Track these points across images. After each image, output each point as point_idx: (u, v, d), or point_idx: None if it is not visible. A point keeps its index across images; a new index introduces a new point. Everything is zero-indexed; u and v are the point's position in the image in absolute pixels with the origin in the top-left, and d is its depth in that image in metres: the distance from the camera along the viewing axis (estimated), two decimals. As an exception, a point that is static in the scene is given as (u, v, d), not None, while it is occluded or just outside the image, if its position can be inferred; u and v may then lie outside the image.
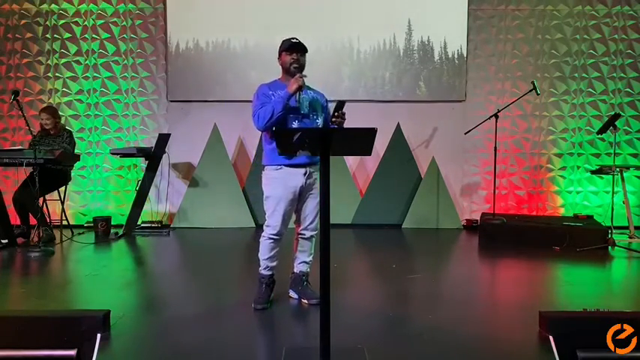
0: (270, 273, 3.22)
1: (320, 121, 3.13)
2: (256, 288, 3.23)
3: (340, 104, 2.78)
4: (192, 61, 6.11)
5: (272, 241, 3.14)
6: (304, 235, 3.21)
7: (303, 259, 3.26)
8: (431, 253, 5.05)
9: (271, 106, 2.96)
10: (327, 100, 3.25)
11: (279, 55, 3.13)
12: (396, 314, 3.13)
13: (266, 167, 3.13)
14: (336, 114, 2.79)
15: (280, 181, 3.06)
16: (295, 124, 3.02)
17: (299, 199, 3.12)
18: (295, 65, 3.03)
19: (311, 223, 3.18)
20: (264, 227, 3.15)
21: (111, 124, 6.19)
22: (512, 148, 6.21)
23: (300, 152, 2.36)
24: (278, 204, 3.06)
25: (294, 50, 3.04)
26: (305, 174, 3.06)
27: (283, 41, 3.11)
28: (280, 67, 3.14)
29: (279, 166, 3.06)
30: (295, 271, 3.30)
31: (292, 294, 3.31)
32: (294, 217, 3.22)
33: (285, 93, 2.96)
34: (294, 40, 3.05)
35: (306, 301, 3.21)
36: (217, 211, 5.92)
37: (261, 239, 3.18)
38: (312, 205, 3.14)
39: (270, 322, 3.04)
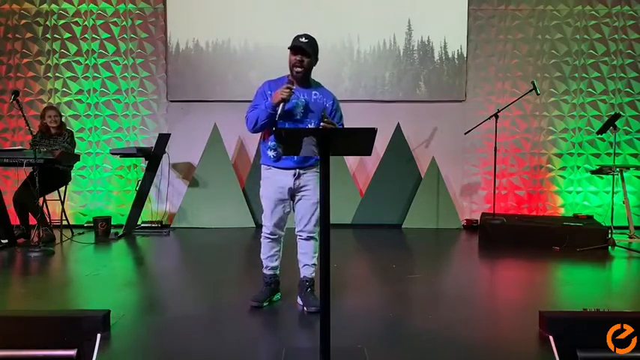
0: (271, 273, 3.23)
1: (312, 126, 2.99)
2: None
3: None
4: (192, 61, 6.11)
5: (269, 240, 3.16)
6: (301, 236, 3.16)
7: (306, 262, 3.19)
8: (431, 253, 5.05)
9: (256, 113, 2.97)
10: (334, 101, 3.08)
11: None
12: (396, 314, 3.13)
13: (261, 166, 3.16)
14: (325, 120, 2.82)
15: (270, 181, 3.08)
16: None
17: (292, 200, 3.11)
18: (298, 68, 2.95)
19: (306, 224, 3.11)
20: (263, 227, 3.18)
21: (111, 124, 6.19)
22: (512, 148, 6.21)
23: (303, 153, 2.36)
24: (269, 203, 3.09)
25: (296, 52, 2.94)
26: (294, 175, 3.03)
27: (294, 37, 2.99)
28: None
29: (269, 167, 3.08)
30: (300, 276, 3.24)
31: (298, 300, 3.24)
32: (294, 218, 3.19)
33: (269, 103, 2.92)
34: (301, 40, 2.93)
35: (305, 308, 3.13)
36: (217, 211, 5.92)
37: (261, 239, 3.20)
38: (305, 207, 3.09)
39: (270, 322, 3.04)
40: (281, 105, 2.86)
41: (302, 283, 3.21)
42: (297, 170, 3.03)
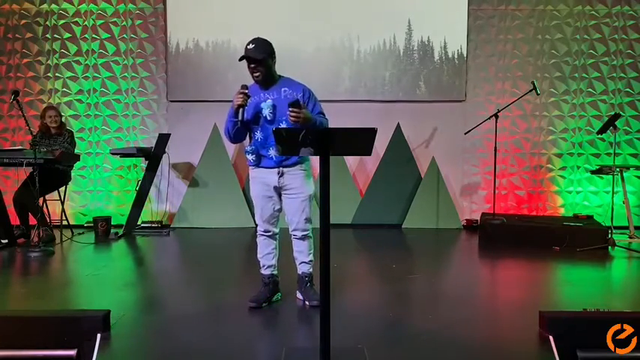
0: (268, 272, 3.24)
1: (284, 125, 2.96)
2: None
3: (296, 102, 2.82)
4: (192, 61, 6.11)
5: (263, 237, 3.22)
6: (296, 235, 3.19)
7: (302, 260, 3.24)
8: (431, 253, 5.05)
9: (226, 125, 3.05)
10: (305, 92, 3.04)
11: None
12: (396, 314, 3.13)
13: (249, 167, 3.23)
14: (290, 109, 2.80)
15: (256, 180, 3.15)
16: (258, 134, 3.05)
17: (280, 199, 3.15)
18: (255, 74, 2.99)
19: (298, 222, 3.13)
20: (257, 226, 3.23)
21: (111, 124, 6.19)
22: (512, 148, 6.21)
23: (303, 152, 2.37)
24: (258, 201, 3.15)
25: (247, 61, 2.97)
26: (278, 173, 3.07)
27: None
28: None
29: (254, 167, 3.15)
30: (298, 272, 3.28)
31: (298, 295, 3.30)
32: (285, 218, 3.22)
33: (231, 112, 2.98)
34: (248, 48, 2.94)
35: (307, 302, 3.20)
36: (217, 211, 5.92)
37: (257, 239, 3.25)
38: (294, 205, 3.11)
39: (270, 322, 3.04)
40: (240, 111, 2.90)
41: (301, 279, 3.26)
42: (280, 169, 3.06)
